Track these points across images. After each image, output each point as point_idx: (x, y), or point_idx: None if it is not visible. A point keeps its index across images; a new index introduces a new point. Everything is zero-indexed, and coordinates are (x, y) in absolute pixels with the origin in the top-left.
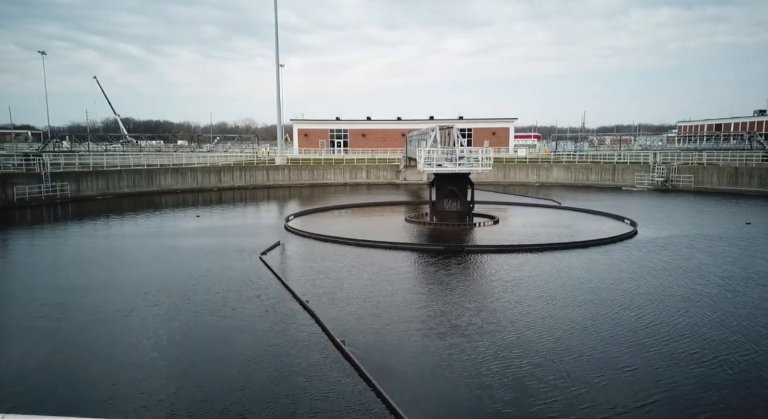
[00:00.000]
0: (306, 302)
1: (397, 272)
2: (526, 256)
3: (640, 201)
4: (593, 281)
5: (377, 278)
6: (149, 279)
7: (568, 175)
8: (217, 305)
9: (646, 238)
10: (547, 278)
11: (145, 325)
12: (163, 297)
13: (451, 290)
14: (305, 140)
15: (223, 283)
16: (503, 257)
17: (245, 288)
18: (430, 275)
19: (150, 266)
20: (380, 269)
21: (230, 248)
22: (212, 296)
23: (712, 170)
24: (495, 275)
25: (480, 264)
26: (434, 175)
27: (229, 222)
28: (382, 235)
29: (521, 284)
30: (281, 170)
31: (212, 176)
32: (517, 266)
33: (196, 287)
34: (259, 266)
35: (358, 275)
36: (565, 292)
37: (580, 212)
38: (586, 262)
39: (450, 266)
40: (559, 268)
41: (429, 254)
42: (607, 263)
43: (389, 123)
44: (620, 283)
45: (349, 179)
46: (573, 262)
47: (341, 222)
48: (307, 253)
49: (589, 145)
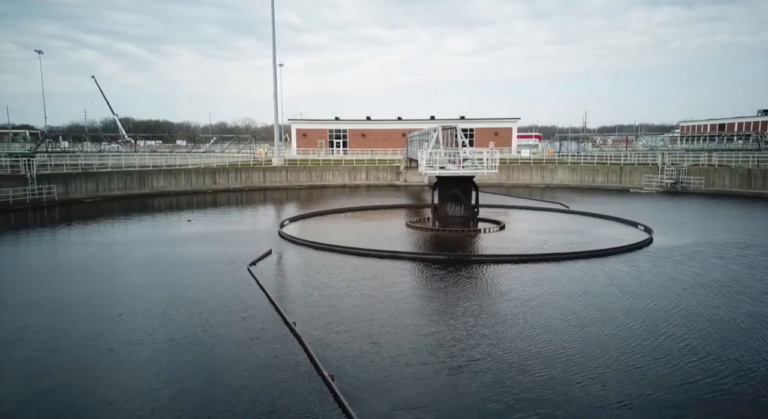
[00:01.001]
0: (294, 326)
1: (400, 288)
2: (540, 267)
3: (650, 204)
4: (624, 298)
5: (378, 295)
6: (126, 297)
7: (573, 176)
8: (198, 331)
9: (667, 245)
10: (570, 295)
11: (111, 358)
12: (138, 320)
13: (462, 312)
14: (304, 140)
15: (207, 302)
16: (516, 269)
17: (231, 308)
18: (438, 291)
19: (129, 281)
20: (381, 285)
21: (220, 257)
22: (194, 319)
23: (723, 172)
24: (511, 291)
25: (491, 277)
26: (437, 178)
27: (221, 228)
28: (383, 242)
29: (542, 302)
30: (278, 172)
31: (207, 177)
32: (533, 279)
33: (177, 308)
34: (249, 279)
35: (356, 291)
36: (597, 314)
37: (590, 217)
38: (610, 274)
39: (459, 280)
40: (582, 282)
41: (434, 264)
42: (633, 275)
43: (389, 123)
44: (654, 300)
45: (348, 180)
46: (595, 274)
47: (339, 227)
48: (300, 263)
49: (592, 145)
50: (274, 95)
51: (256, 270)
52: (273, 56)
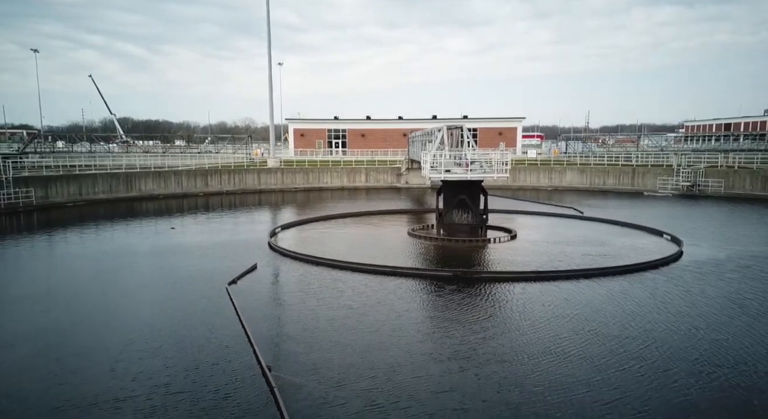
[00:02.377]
0: (269, 371)
1: (409, 319)
2: (563, 286)
3: (668, 209)
4: (679, 333)
5: (380, 328)
6: (74, 331)
7: (582, 178)
8: (157, 391)
9: (702, 259)
10: (613, 331)
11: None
12: (82, 365)
13: (486, 359)
14: (301, 141)
15: (175, 337)
16: (538, 289)
17: (202, 348)
18: (452, 325)
19: (86, 307)
20: (385, 314)
21: (200, 274)
22: (151, 368)
23: (744, 174)
24: (540, 325)
25: (512, 301)
26: (441, 182)
27: (206, 237)
28: (383, 253)
29: (577, 341)
30: (273, 173)
31: (198, 179)
32: (565, 306)
33: (131, 350)
34: (228, 303)
35: (352, 324)
36: (653, 366)
37: (607, 224)
38: (654, 296)
39: (474, 305)
40: (622, 309)
41: (447, 284)
42: (688, 299)
43: (390, 123)
44: (724, 333)
45: (347, 182)
46: (637, 296)
47: (335, 236)
48: (288, 281)
49: (597, 145)
50: (269, 94)
51: (237, 290)
52: (268, 56)
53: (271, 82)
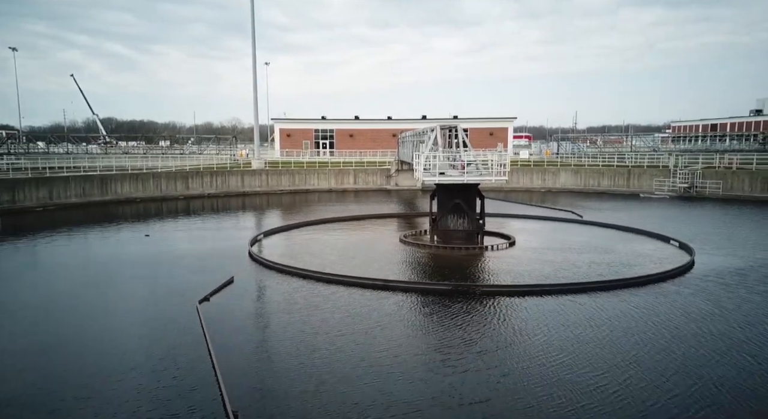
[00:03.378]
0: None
1: (409, 349)
2: (585, 300)
3: (668, 211)
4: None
5: (377, 362)
6: (25, 372)
7: (577, 180)
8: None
9: (718, 268)
10: (638, 357)
11: None
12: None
13: (503, 402)
14: (288, 141)
15: (132, 371)
16: (552, 304)
17: (162, 388)
18: (454, 350)
19: (32, 334)
20: (381, 343)
21: (170, 289)
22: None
23: (742, 175)
24: (561, 347)
25: (521, 320)
26: (435, 185)
27: (183, 245)
28: (375, 263)
29: (594, 371)
30: (258, 175)
31: (178, 182)
32: (588, 327)
33: (87, 395)
34: (196, 326)
35: (343, 356)
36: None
37: (609, 229)
38: (687, 315)
39: (481, 326)
40: (658, 332)
41: (444, 298)
42: (725, 317)
43: (379, 123)
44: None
45: (335, 184)
46: (666, 314)
47: (323, 243)
48: (269, 298)
49: (587, 145)
50: (254, 93)
51: (209, 309)
52: (253, 54)
53: (256, 80)
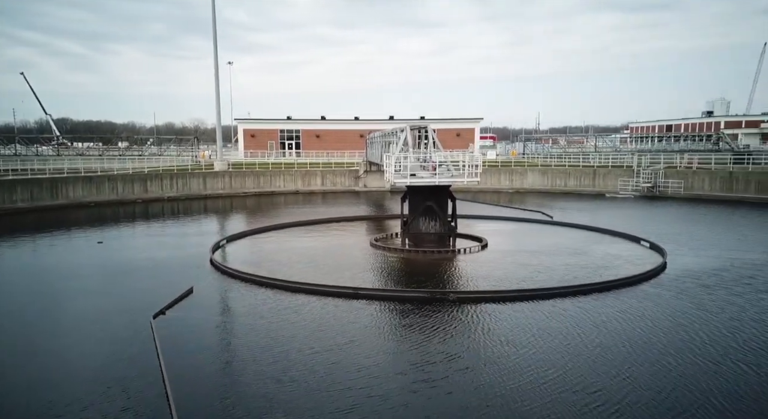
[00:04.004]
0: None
1: (383, 366)
2: (565, 305)
3: (633, 211)
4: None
5: (342, 378)
6: None
7: (544, 180)
8: None
9: (694, 268)
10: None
11: None
12: None
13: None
14: (252, 142)
15: (73, 404)
16: (531, 310)
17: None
18: (437, 368)
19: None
20: (348, 356)
21: (121, 303)
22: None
23: (703, 175)
24: (551, 361)
25: (505, 329)
26: (407, 187)
27: (139, 252)
28: (344, 269)
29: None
30: (221, 177)
31: (136, 185)
32: (575, 336)
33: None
34: (149, 345)
35: (312, 376)
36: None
37: (579, 230)
38: (674, 318)
39: (464, 338)
40: (648, 339)
41: (418, 305)
42: (712, 322)
43: (346, 123)
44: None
45: (302, 186)
46: (646, 317)
47: (289, 248)
48: (231, 310)
49: (551, 146)
50: (216, 92)
51: (163, 325)
52: (214, 51)
53: (218, 79)
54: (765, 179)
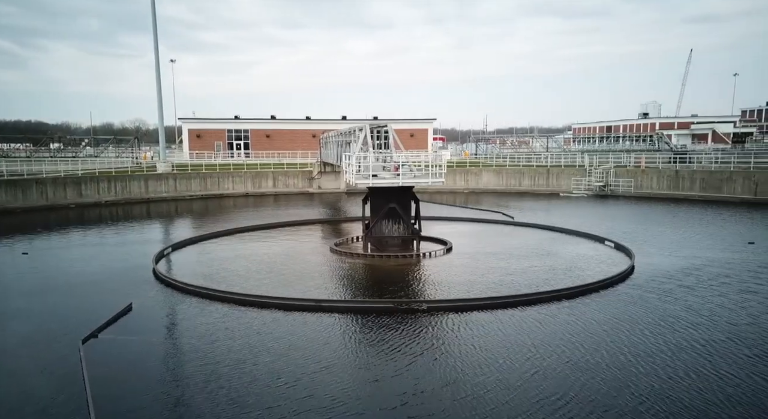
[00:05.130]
0: None
1: (345, 388)
2: (540, 312)
3: (589, 210)
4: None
5: (310, 416)
6: None
7: (499, 180)
8: None
9: (665, 268)
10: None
11: None
12: None
13: None
14: (198, 142)
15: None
16: (504, 319)
17: None
18: (416, 396)
19: None
20: (317, 384)
21: (49, 324)
22: None
23: (651, 174)
24: (546, 375)
25: (485, 342)
26: (368, 189)
27: (70, 264)
28: (306, 278)
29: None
30: (164, 180)
31: (69, 188)
32: (561, 344)
33: None
34: (77, 377)
35: (274, 414)
36: None
37: (543, 230)
38: (654, 321)
39: (441, 354)
40: (636, 346)
41: (386, 318)
42: (716, 327)
43: (297, 123)
44: None
45: (252, 188)
46: (639, 321)
47: (242, 256)
48: (176, 329)
49: (500, 147)
50: (157, 89)
51: (95, 350)
52: (155, 46)
53: (159, 76)
54: (708, 177)
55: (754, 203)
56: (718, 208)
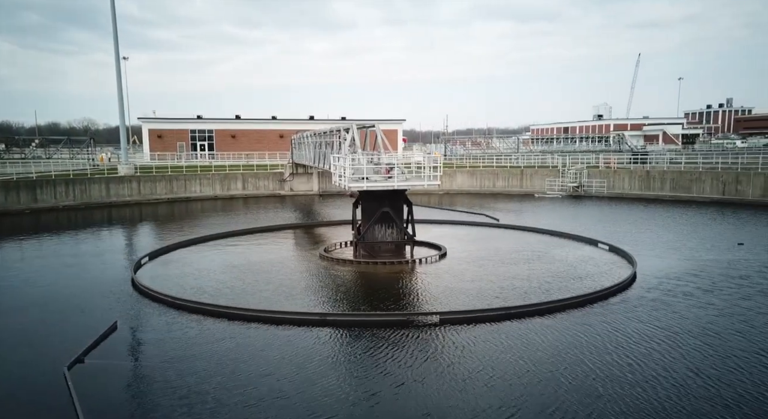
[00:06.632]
0: None
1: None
2: (556, 323)
3: (568, 211)
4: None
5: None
6: None
7: (473, 181)
8: None
9: (681, 271)
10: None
11: None
12: None
13: None
14: (159, 143)
15: None
16: (524, 331)
17: None
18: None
19: None
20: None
21: (17, 353)
22: None
23: (623, 174)
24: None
25: (521, 360)
26: (360, 193)
27: (32, 276)
28: (299, 290)
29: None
30: (127, 183)
31: (23, 193)
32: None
33: None
34: (67, 407)
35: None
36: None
37: (530, 233)
38: (690, 333)
39: (473, 379)
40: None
41: (396, 332)
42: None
43: (263, 123)
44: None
45: (221, 191)
46: (668, 328)
47: (227, 264)
48: (170, 350)
49: (464, 147)
50: (118, 87)
51: (82, 376)
52: (115, 40)
53: (120, 74)
54: (678, 177)
55: (722, 203)
56: (690, 208)
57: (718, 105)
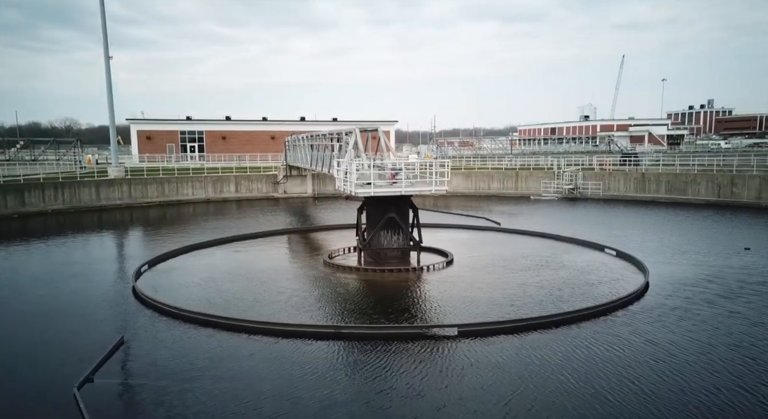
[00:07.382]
0: None
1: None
2: (580, 333)
3: (565, 214)
4: None
5: None
6: None
7: (468, 183)
8: None
9: (689, 277)
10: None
11: None
12: None
13: None
14: (148, 145)
15: None
16: (549, 343)
17: None
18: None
19: None
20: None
21: (30, 369)
22: None
23: (618, 176)
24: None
25: (554, 378)
26: (365, 198)
27: (30, 289)
28: (310, 299)
29: None
30: (118, 185)
31: (10, 196)
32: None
33: None
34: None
35: None
36: None
37: (536, 238)
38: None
39: (503, 397)
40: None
41: (414, 346)
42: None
43: (254, 124)
44: None
45: (214, 193)
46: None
47: (229, 272)
48: (185, 367)
49: (453, 148)
50: (107, 87)
51: (93, 397)
52: (104, 38)
53: (109, 73)
54: (674, 179)
55: (717, 205)
56: (686, 210)
57: (700, 106)
